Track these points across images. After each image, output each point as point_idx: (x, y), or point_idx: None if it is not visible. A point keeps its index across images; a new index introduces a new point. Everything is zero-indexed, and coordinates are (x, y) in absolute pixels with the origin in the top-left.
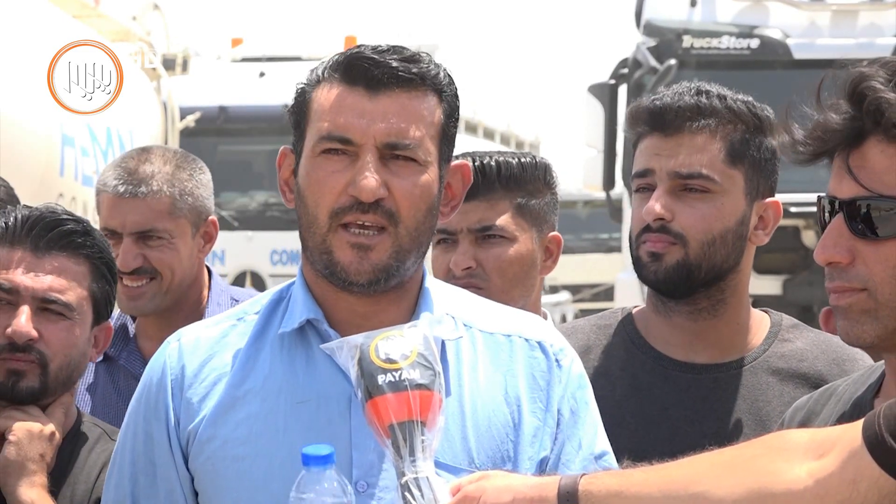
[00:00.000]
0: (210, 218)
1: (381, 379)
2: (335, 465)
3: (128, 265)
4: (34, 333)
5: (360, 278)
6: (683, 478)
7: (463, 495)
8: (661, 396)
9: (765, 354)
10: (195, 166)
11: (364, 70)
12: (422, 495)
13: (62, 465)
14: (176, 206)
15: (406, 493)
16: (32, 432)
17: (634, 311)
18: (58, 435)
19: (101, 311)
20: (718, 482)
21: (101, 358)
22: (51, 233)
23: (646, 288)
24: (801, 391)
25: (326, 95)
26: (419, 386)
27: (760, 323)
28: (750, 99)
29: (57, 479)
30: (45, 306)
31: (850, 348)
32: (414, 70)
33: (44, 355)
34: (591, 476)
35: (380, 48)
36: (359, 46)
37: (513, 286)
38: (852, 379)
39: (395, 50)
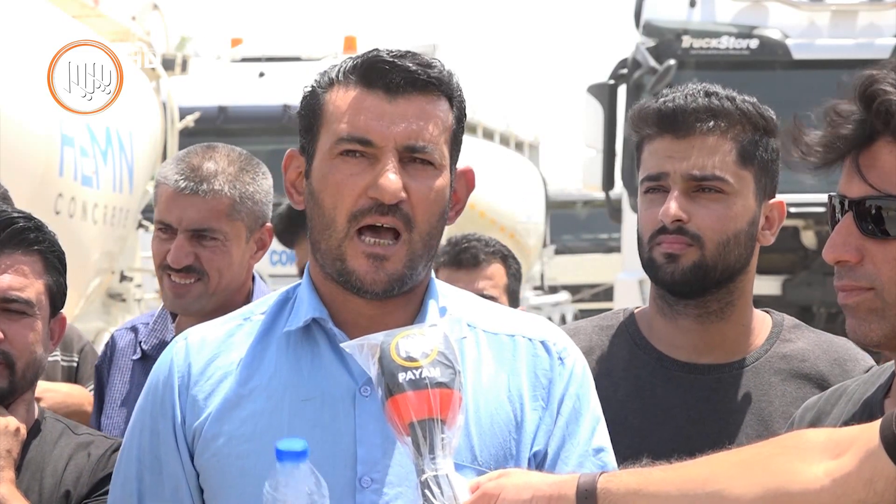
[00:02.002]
0: (266, 225)
1: (401, 377)
2: (308, 459)
3: (179, 262)
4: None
5: (376, 287)
6: (701, 477)
7: (482, 493)
8: (664, 397)
9: (767, 355)
10: (258, 171)
11: (383, 73)
12: (441, 493)
13: (25, 460)
14: (235, 209)
15: (426, 491)
16: None
17: (636, 311)
18: (23, 431)
19: (56, 303)
20: (735, 481)
21: (138, 356)
22: (3, 232)
23: (647, 289)
24: (803, 391)
25: (343, 97)
26: (440, 384)
27: (762, 323)
28: (755, 100)
29: (20, 474)
30: (5, 306)
31: (852, 348)
32: (432, 74)
33: (9, 355)
34: (610, 474)
35: (396, 52)
36: (375, 50)
37: None
38: (862, 379)
39: (410, 54)
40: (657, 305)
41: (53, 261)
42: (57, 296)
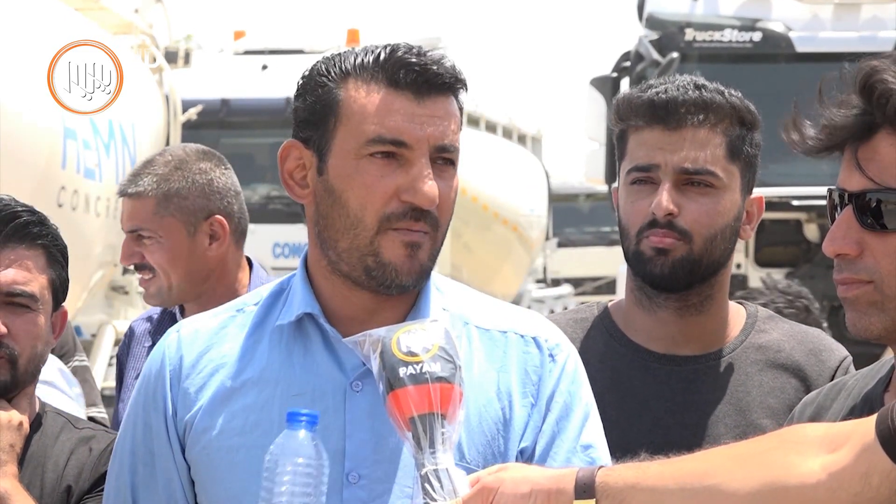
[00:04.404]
0: (214, 217)
1: (402, 371)
2: (316, 428)
3: (124, 261)
4: (3, 329)
5: (409, 279)
6: (698, 471)
7: (481, 486)
8: (642, 389)
9: (743, 345)
10: (200, 167)
11: (412, 74)
12: (441, 486)
13: (26, 455)
14: (160, 207)
15: (426, 485)
16: (1, 423)
17: (610, 304)
18: (26, 425)
19: (58, 297)
20: (732, 475)
21: (150, 343)
22: (7, 226)
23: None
24: (779, 381)
25: (367, 96)
26: (440, 379)
27: (737, 315)
28: (740, 94)
29: (22, 468)
30: (9, 300)
31: (826, 339)
32: (458, 77)
33: (13, 349)
34: (608, 469)
35: (415, 50)
36: (392, 47)
37: None
38: (862, 373)
39: (425, 53)
40: (635, 297)
41: (56, 255)
42: (59, 290)
